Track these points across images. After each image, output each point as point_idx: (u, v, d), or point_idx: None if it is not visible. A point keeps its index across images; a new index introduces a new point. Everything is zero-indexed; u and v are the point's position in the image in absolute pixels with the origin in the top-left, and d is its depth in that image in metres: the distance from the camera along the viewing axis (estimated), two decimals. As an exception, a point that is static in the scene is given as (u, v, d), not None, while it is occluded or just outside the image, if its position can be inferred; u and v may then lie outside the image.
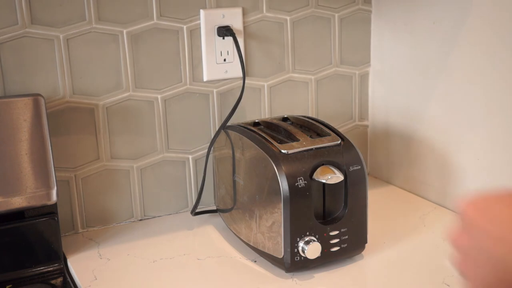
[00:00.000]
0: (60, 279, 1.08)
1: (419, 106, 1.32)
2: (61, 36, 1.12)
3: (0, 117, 1.01)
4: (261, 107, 1.33)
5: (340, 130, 1.14)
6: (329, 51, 1.37)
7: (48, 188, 1.05)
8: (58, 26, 1.11)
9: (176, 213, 1.29)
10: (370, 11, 1.39)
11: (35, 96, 1.04)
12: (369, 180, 1.07)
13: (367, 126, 1.47)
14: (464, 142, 1.21)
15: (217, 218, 1.24)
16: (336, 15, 1.36)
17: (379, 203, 1.31)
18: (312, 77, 1.37)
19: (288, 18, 1.31)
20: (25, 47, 1.09)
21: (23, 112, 1.02)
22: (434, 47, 1.25)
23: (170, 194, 1.28)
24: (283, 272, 1.03)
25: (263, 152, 1.02)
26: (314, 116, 1.32)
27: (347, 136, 1.09)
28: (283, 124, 1.12)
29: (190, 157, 1.28)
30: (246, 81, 1.28)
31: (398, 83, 1.37)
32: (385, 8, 1.36)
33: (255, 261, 1.08)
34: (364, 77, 1.43)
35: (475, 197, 0.59)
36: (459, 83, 1.20)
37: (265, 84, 1.32)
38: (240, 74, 1.26)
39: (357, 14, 1.38)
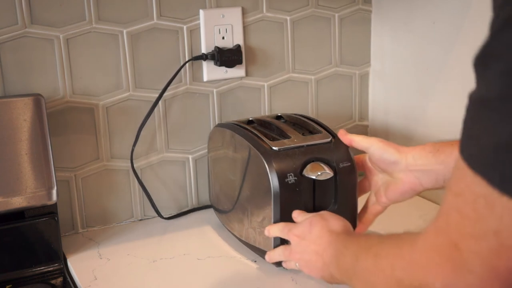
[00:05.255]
0: (60, 279, 1.08)
1: (419, 106, 1.32)
2: (61, 36, 1.12)
3: (0, 117, 1.01)
4: (261, 107, 1.33)
5: (340, 130, 1.14)
6: (329, 51, 1.37)
7: (48, 188, 1.05)
8: (58, 26, 1.11)
9: (176, 213, 1.29)
10: (370, 11, 1.39)
11: (35, 96, 1.04)
12: (369, 180, 1.07)
13: (367, 126, 1.47)
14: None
15: (217, 218, 1.24)
16: (336, 15, 1.36)
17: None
18: (312, 77, 1.37)
19: (288, 18, 1.31)
20: (25, 47, 1.09)
21: (23, 112, 1.02)
22: (434, 47, 1.25)
23: (170, 194, 1.28)
24: (283, 272, 1.03)
25: (255, 149, 1.02)
26: (314, 116, 1.32)
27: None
28: (276, 122, 1.12)
29: (190, 157, 1.28)
30: (246, 81, 1.28)
31: (398, 83, 1.37)
32: (385, 8, 1.36)
33: (255, 261, 1.08)
34: (364, 77, 1.43)
35: (320, 214, 0.92)
36: (459, 83, 1.20)
37: (265, 84, 1.32)
38: (241, 74, 1.27)
39: (357, 14, 1.38)
